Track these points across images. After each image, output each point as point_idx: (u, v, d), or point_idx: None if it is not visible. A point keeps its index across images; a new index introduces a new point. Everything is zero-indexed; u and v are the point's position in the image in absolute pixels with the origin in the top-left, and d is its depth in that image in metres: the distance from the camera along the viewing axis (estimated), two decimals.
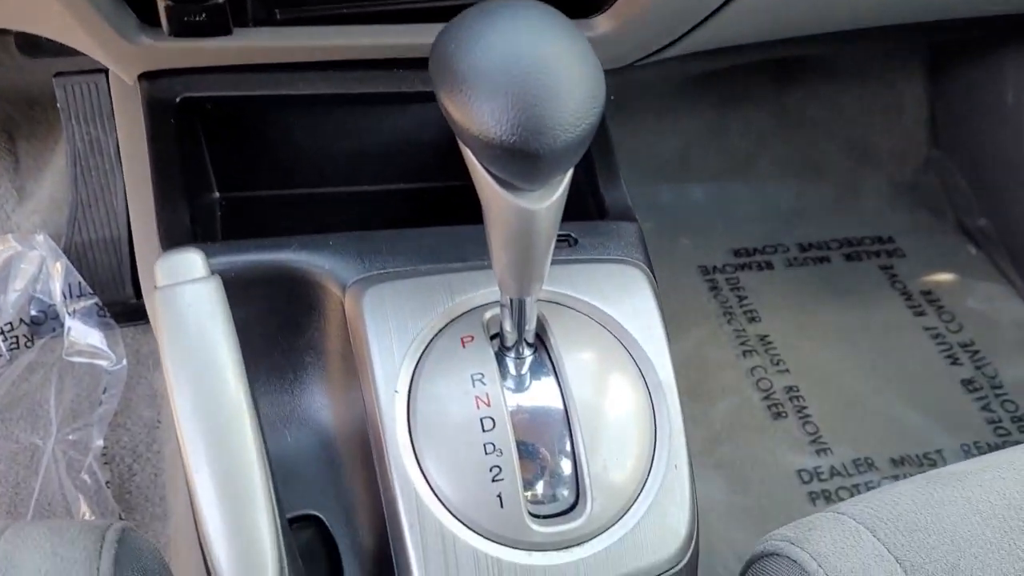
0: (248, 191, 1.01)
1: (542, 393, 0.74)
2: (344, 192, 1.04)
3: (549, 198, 0.54)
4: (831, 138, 1.86)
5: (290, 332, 0.84)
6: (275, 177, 1.02)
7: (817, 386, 1.56)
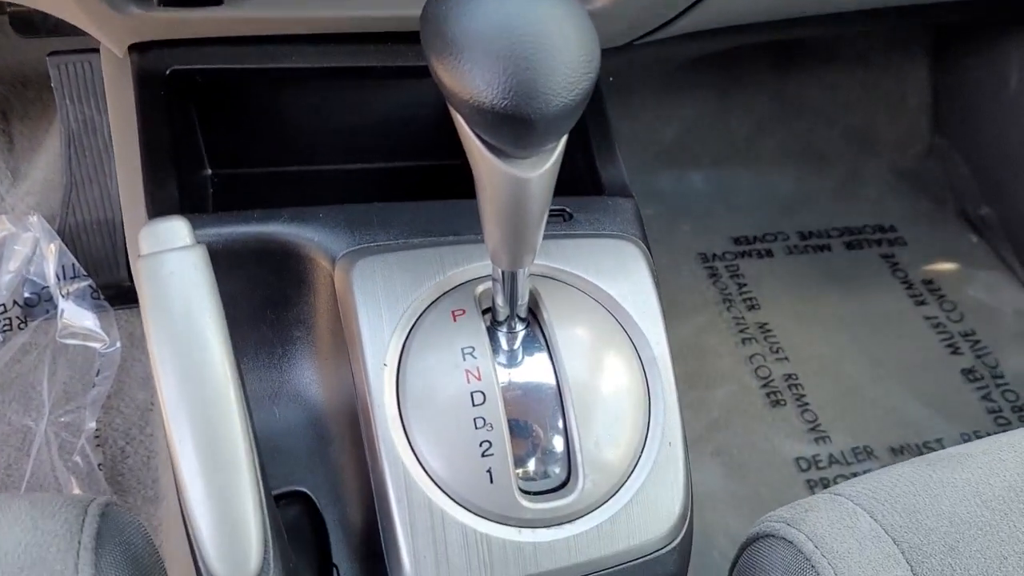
0: (240, 168, 1.00)
1: (534, 368, 0.73)
2: (338, 170, 1.03)
3: (542, 166, 0.53)
4: (832, 125, 1.84)
5: (279, 306, 0.83)
6: (267, 154, 1.01)
7: (816, 374, 1.55)
